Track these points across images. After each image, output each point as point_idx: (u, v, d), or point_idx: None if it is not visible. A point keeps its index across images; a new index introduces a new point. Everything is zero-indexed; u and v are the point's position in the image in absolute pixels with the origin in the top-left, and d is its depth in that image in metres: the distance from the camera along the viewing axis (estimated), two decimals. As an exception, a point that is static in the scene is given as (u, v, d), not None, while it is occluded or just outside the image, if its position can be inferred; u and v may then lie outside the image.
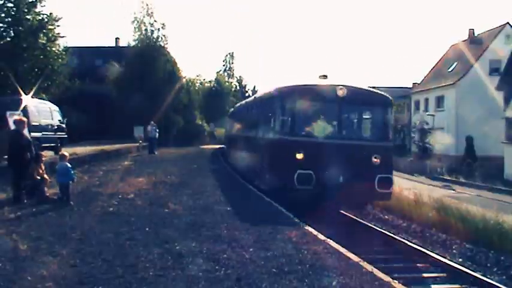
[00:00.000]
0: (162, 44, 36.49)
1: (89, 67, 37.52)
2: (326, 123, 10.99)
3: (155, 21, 36.31)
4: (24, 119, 10.25)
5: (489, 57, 37.50)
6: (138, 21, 35.87)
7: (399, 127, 46.59)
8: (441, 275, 7.71)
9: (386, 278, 5.15)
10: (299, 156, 10.12)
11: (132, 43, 37.04)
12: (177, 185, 12.74)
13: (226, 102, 54.82)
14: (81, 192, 10.79)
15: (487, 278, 7.48)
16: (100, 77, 35.98)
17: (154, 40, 36.08)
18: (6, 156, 9.98)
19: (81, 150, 18.81)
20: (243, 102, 20.21)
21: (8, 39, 22.74)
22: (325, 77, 12.04)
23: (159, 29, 36.41)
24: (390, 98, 11.74)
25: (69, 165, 9.75)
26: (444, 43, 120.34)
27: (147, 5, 36.24)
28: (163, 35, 36.59)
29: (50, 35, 23.62)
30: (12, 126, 10.43)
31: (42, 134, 15.76)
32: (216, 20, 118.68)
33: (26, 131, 9.93)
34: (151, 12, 36.10)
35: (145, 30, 36.03)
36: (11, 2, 22.30)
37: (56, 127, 17.48)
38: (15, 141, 9.40)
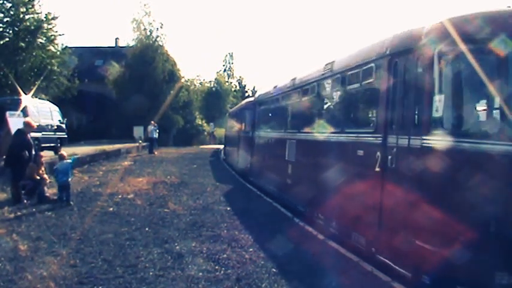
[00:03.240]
0: (161, 44, 36.49)
1: (89, 67, 37.58)
2: None
3: (154, 20, 36.38)
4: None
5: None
6: (136, 22, 35.91)
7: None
8: None
9: (386, 278, 5.14)
10: None
11: (131, 43, 37.12)
12: (177, 185, 12.74)
13: (226, 102, 54.84)
14: (81, 192, 10.80)
15: None
16: (100, 77, 36.04)
17: (153, 40, 36.08)
18: (4, 157, 9.98)
19: (81, 150, 18.81)
20: (280, 85, 11.50)
21: (7, 39, 22.80)
22: None
23: (157, 28, 36.46)
24: None
25: (69, 161, 9.91)
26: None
27: (144, 4, 36.33)
28: (162, 34, 36.62)
29: (49, 34, 23.68)
30: (12, 127, 10.44)
31: (42, 134, 15.79)
32: (216, 20, 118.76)
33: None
34: (149, 11, 36.18)
35: (144, 30, 36.05)
36: (9, 2, 22.34)
37: (55, 127, 17.53)
38: (17, 142, 9.40)
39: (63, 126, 18.55)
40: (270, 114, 12.73)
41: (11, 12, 22.34)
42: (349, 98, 6.95)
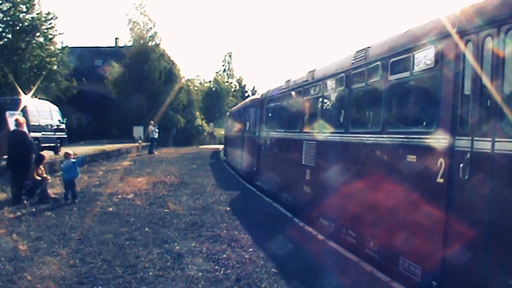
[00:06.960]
0: (157, 42, 36.43)
1: (89, 67, 37.61)
2: None
3: (149, 19, 36.37)
4: (23, 119, 10.28)
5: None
6: (133, 22, 35.89)
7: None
8: None
9: (386, 278, 5.14)
10: None
11: (129, 43, 37.13)
12: (177, 185, 12.75)
13: (226, 102, 54.86)
14: (81, 192, 10.79)
15: None
16: (100, 77, 36.06)
17: (148, 39, 36.04)
18: (6, 157, 10.00)
19: (81, 150, 18.81)
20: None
21: (7, 39, 22.83)
22: None
23: (151, 27, 36.44)
24: None
25: (73, 160, 10.02)
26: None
27: (140, 4, 36.37)
28: (155, 32, 36.54)
29: (48, 33, 23.74)
30: (12, 127, 10.46)
31: (42, 134, 15.81)
32: (215, 20, 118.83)
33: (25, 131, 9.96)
34: (144, 11, 36.19)
35: (140, 30, 36.02)
36: (9, 2, 22.39)
37: (55, 127, 17.55)
38: (14, 142, 9.40)
39: (63, 126, 18.58)
40: (281, 113, 11.13)
41: (11, 12, 22.37)
42: (393, 90, 5.52)
